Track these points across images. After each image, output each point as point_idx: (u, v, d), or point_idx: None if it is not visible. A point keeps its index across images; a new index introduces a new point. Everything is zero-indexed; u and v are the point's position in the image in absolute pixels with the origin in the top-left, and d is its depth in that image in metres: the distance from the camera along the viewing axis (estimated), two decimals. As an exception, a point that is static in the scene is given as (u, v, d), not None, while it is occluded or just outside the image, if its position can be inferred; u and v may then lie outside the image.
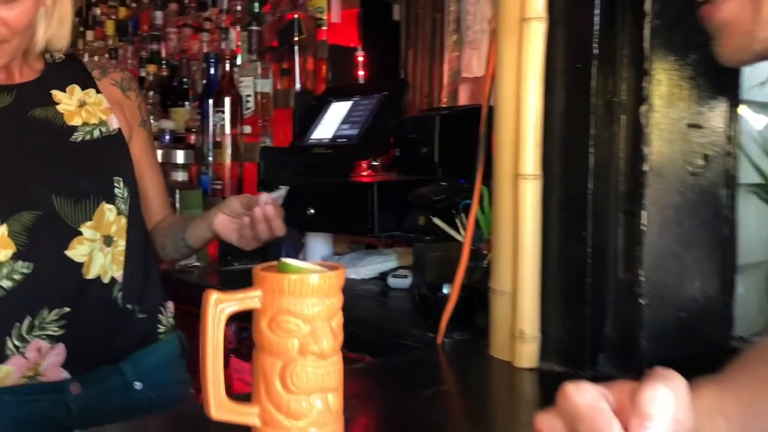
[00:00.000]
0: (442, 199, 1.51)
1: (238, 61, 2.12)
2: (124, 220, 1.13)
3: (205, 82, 2.14)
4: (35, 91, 1.12)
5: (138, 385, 1.13)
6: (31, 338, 1.02)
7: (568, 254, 0.96)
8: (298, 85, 1.96)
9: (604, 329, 0.96)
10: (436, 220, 1.45)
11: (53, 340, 1.04)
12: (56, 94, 1.14)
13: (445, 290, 1.25)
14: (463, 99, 1.96)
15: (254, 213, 1.15)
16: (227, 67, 1.95)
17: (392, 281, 1.58)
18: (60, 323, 1.04)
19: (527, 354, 0.98)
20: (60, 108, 1.13)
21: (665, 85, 0.90)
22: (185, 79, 2.39)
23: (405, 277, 1.56)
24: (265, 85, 1.99)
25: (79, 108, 1.14)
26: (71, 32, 1.14)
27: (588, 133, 0.94)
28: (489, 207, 1.46)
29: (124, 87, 1.24)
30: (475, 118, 1.75)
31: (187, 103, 2.31)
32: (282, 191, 1.16)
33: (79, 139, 1.12)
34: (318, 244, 1.91)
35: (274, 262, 0.70)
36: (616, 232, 0.95)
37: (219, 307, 0.65)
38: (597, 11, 0.93)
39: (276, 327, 0.67)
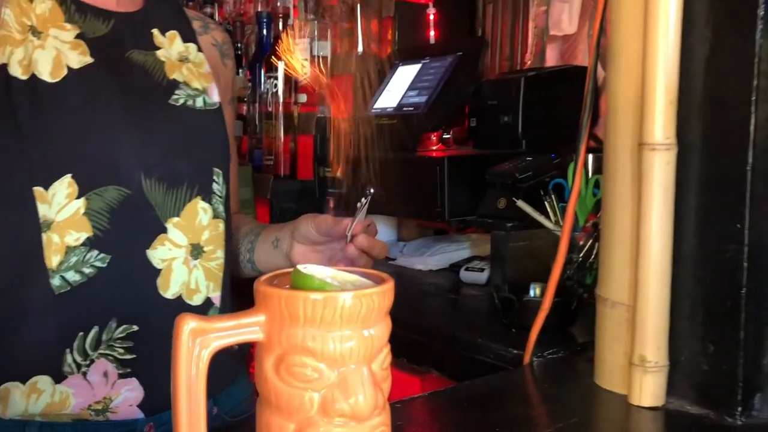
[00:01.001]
0: (528, 177, 1.27)
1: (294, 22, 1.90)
2: (222, 226, 0.88)
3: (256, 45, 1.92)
4: (135, 26, 0.87)
5: (214, 409, 0.90)
6: (96, 356, 0.79)
7: (713, 254, 0.70)
8: (360, 48, 1.74)
9: (762, 360, 0.69)
10: (520, 203, 1.21)
11: (121, 365, 0.81)
12: (157, 36, 0.89)
13: (531, 292, 1.00)
14: (551, 61, 1.71)
15: (347, 252, 0.89)
16: (281, 27, 1.72)
17: (465, 275, 1.34)
18: (126, 345, 0.81)
19: (650, 388, 0.72)
20: (161, 55, 0.88)
21: None
22: (239, 44, 2.18)
23: (481, 270, 1.32)
24: (324, 48, 1.76)
25: (180, 63, 0.89)
26: None
27: (749, 84, 0.67)
28: (585, 187, 1.22)
29: (224, 52, 1.00)
30: (568, 81, 1.49)
31: (240, 70, 2.10)
32: (364, 205, 0.91)
33: (180, 102, 0.87)
34: (381, 228, 1.68)
35: (288, 270, 0.47)
36: (785, 224, 0.68)
37: (198, 341, 0.42)
38: None
39: (286, 372, 0.43)
